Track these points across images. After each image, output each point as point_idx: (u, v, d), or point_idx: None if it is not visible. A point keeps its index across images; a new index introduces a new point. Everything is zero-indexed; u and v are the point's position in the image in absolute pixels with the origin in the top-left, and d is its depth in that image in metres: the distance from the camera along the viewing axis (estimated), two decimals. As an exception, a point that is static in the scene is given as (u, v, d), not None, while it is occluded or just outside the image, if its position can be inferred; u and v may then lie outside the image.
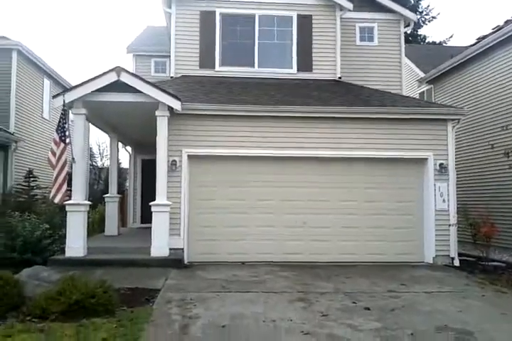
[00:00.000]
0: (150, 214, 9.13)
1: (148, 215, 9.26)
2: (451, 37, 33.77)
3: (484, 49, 13.46)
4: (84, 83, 8.81)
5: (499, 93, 12.94)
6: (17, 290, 5.82)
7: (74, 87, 9.01)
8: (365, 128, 9.96)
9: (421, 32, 33.60)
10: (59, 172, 8.56)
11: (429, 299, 6.84)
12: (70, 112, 9.29)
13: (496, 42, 12.93)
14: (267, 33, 12.23)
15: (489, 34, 14.12)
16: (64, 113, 8.78)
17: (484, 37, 14.43)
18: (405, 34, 13.62)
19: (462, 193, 12.44)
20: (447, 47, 25.17)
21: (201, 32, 12.11)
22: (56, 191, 8.51)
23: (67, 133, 8.73)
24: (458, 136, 11.42)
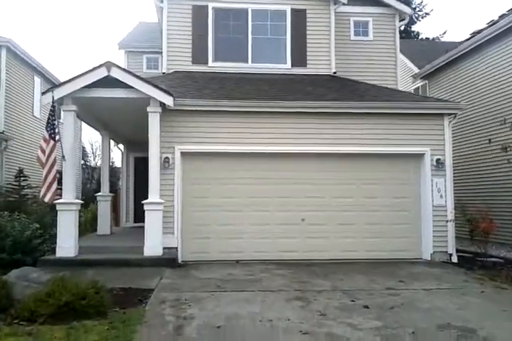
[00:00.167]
0: (143, 213, 8.95)
1: (141, 214, 9.10)
2: (444, 33, 33.98)
3: (479, 43, 13.39)
4: (73, 79, 8.61)
5: (495, 87, 12.86)
6: (5, 291, 5.63)
7: (63, 83, 8.79)
8: (361, 123, 9.82)
9: (414, 28, 33.59)
10: (49, 170, 8.35)
11: (428, 296, 6.73)
12: (60, 109, 9.09)
13: (492, 36, 12.86)
14: (261, 28, 12.03)
15: (484, 29, 14.04)
16: (53, 110, 8.56)
17: (479, 32, 14.35)
18: (399, 30, 13.45)
19: (459, 189, 12.35)
20: (441, 42, 25.15)
21: (193, 27, 11.91)
22: (46, 190, 8.30)
23: (56, 130, 8.52)
24: (455, 131, 11.31)
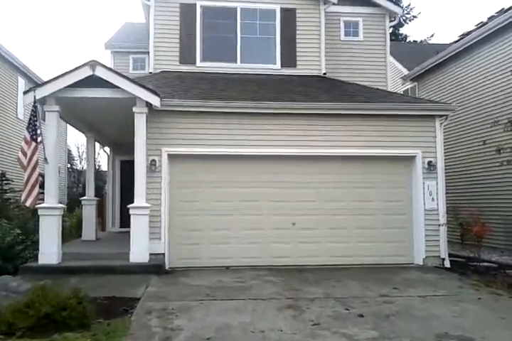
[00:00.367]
0: (129, 217, 8.63)
1: (127, 219, 8.78)
2: (432, 36, 33.88)
3: (469, 45, 13.34)
4: (56, 78, 8.30)
5: (485, 88, 12.79)
6: (-19, 302, 5.32)
7: (45, 83, 8.49)
8: (351, 125, 9.63)
9: (402, 31, 33.71)
10: (30, 173, 8.00)
11: (423, 303, 6.55)
12: (43, 109, 8.77)
13: (481, 37, 12.83)
14: (250, 27, 11.80)
15: (473, 30, 13.99)
16: (35, 110, 8.23)
17: (468, 33, 14.30)
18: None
19: (451, 192, 12.20)
20: (430, 44, 25.17)
21: (181, 26, 11.65)
22: (27, 194, 7.94)
23: (38, 131, 8.17)
24: (446, 133, 11.16)
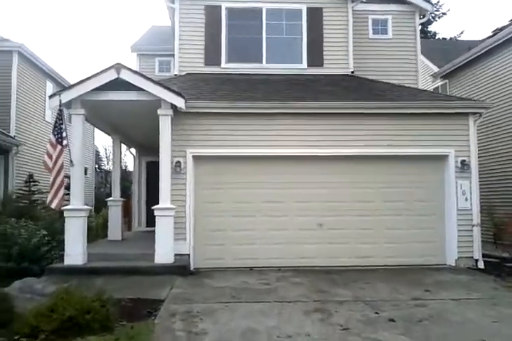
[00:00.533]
0: (155, 216, 8.60)
1: (153, 218, 8.77)
2: (461, 33, 33.20)
3: (504, 40, 12.81)
4: (81, 81, 8.34)
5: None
6: (6, 305, 5.30)
7: (71, 86, 8.53)
8: (381, 124, 9.36)
9: (431, 28, 33.02)
10: (56, 176, 8.04)
11: (457, 307, 6.27)
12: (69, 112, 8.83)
13: (517, 31, 12.31)
14: (275, 28, 11.64)
15: (507, 25, 13.55)
16: (60, 113, 8.28)
17: (502, 28, 13.88)
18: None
19: (485, 191, 11.74)
20: (461, 41, 24.49)
21: (206, 27, 11.58)
22: (53, 196, 7.98)
23: (64, 134, 8.22)
24: (479, 131, 10.76)
